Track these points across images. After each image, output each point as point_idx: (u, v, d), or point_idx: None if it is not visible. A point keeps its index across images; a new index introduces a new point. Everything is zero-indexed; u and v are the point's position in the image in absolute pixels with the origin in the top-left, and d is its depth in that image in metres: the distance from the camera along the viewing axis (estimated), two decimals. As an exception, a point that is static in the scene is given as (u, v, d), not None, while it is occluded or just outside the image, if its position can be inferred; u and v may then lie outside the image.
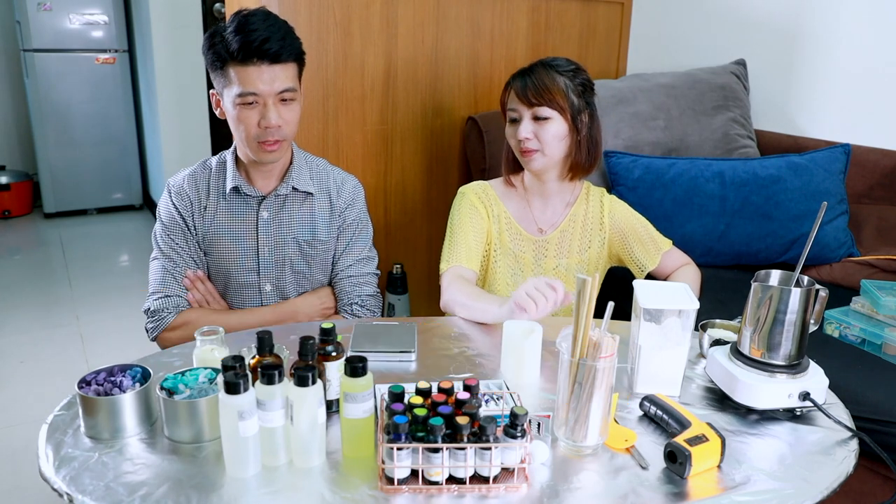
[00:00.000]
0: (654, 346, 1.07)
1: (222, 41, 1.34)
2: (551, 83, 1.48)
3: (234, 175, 1.48)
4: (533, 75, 1.49)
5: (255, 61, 1.32)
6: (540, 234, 1.60)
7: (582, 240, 1.60)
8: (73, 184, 4.52)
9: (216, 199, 1.50)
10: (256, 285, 1.53)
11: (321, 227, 1.53)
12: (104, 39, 4.36)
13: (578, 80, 1.51)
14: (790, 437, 1.00)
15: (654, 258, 1.58)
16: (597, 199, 1.62)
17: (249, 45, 1.31)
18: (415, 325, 1.29)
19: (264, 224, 1.50)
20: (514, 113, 1.52)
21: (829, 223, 1.89)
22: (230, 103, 1.38)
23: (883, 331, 1.51)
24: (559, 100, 1.47)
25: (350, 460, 0.91)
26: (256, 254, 1.51)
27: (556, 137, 1.49)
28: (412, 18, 2.13)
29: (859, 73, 2.11)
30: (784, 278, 1.06)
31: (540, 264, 1.60)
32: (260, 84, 1.34)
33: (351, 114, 2.09)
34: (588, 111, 1.53)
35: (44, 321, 3.05)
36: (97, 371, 1.00)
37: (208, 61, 1.38)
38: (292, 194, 1.51)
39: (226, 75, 1.36)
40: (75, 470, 0.88)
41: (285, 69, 1.36)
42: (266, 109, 1.36)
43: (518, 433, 0.85)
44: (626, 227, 1.61)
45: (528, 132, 1.49)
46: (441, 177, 2.33)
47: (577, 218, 1.60)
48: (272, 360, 0.96)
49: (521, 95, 1.49)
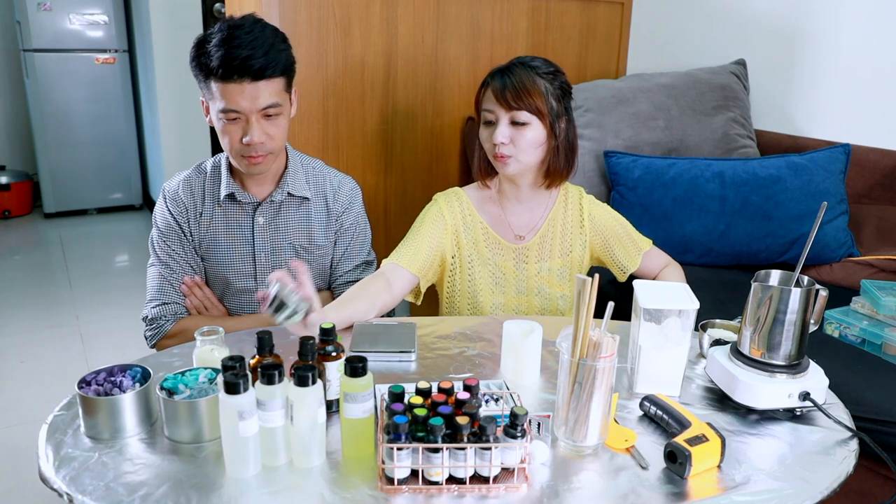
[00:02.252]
0: (654, 346, 1.07)
1: (206, 55, 1.31)
2: (532, 86, 1.40)
3: (229, 181, 1.47)
4: (513, 76, 1.41)
5: (237, 78, 1.29)
6: (519, 240, 1.54)
7: (563, 243, 1.55)
8: (72, 184, 4.52)
9: (211, 205, 1.49)
10: (254, 291, 1.52)
11: (317, 231, 1.52)
12: (104, 39, 4.36)
13: (558, 83, 1.44)
14: (790, 437, 1.00)
15: (634, 259, 1.55)
16: (575, 200, 1.56)
17: (231, 63, 1.28)
18: (415, 325, 1.29)
19: (260, 230, 1.49)
20: (489, 115, 1.44)
21: (829, 223, 1.89)
22: (214, 116, 1.37)
23: (883, 331, 1.51)
24: (539, 104, 1.40)
25: (350, 460, 0.91)
26: (253, 259, 1.50)
27: (532, 143, 1.42)
28: (412, 18, 2.13)
29: (859, 73, 2.11)
30: (784, 278, 1.06)
31: (521, 270, 1.54)
32: (242, 101, 1.31)
33: (351, 114, 2.09)
34: (566, 116, 1.47)
35: (44, 321, 3.04)
36: (97, 371, 1.00)
37: (193, 72, 1.36)
38: (288, 199, 1.50)
39: (209, 89, 1.34)
40: (75, 470, 0.88)
41: (270, 84, 1.33)
42: (249, 126, 1.34)
43: (518, 433, 0.85)
44: (607, 229, 1.56)
45: (504, 136, 1.41)
46: (441, 177, 2.33)
47: (556, 222, 1.55)
48: (272, 360, 0.96)
49: (499, 97, 1.41)
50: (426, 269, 1.48)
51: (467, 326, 1.33)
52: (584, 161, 2.15)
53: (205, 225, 1.49)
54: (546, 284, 1.55)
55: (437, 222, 1.51)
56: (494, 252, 1.54)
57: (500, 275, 1.55)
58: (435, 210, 1.52)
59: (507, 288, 1.55)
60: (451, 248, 1.53)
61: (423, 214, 1.54)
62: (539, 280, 1.55)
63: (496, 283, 1.55)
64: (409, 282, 1.45)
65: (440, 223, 1.51)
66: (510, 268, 1.54)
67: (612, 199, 2.07)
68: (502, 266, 1.54)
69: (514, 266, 1.55)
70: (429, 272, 1.49)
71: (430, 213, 1.52)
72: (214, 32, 1.31)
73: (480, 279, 1.54)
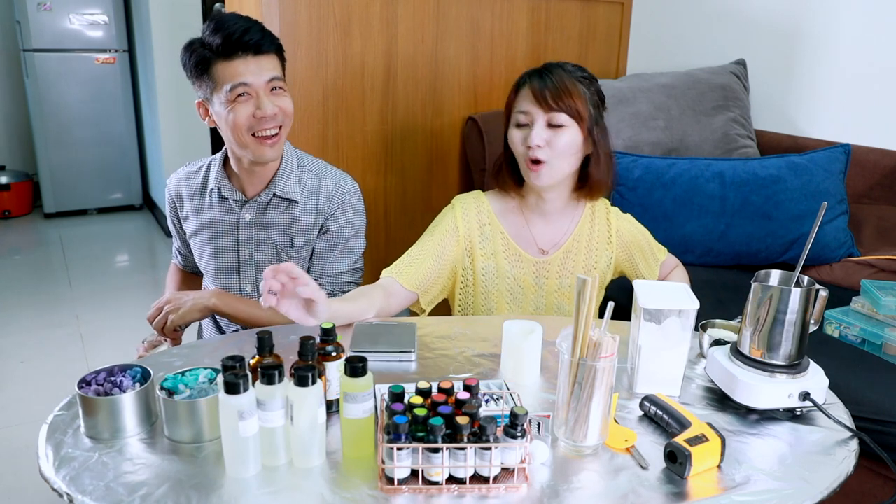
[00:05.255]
0: (654, 346, 1.07)
1: (202, 44, 1.35)
2: (572, 87, 1.35)
3: (217, 177, 1.49)
4: (552, 76, 1.35)
5: (240, 54, 1.33)
6: (541, 255, 1.47)
7: (587, 259, 1.48)
8: (72, 184, 4.52)
9: (207, 199, 1.53)
10: (237, 286, 1.54)
11: (299, 236, 1.48)
12: (104, 39, 4.37)
13: (594, 89, 1.40)
14: (790, 437, 1.00)
15: (654, 270, 1.52)
16: (602, 215, 1.50)
17: (231, 38, 1.32)
18: (415, 325, 1.29)
19: (246, 227, 1.49)
20: (524, 116, 1.37)
21: (829, 223, 1.89)
22: (221, 105, 1.36)
23: (883, 331, 1.51)
24: (580, 106, 1.34)
25: (350, 460, 0.91)
26: (237, 255, 1.52)
27: (569, 148, 1.35)
28: (412, 18, 2.13)
29: (859, 73, 2.11)
30: (784, 278, 1.06)
31: (541, 285, 1.48)
32: (248, 75, 1.34)
33: (351, 114, 2.09)
34: (602, 124, 1.41)
35: (44, 321, 3.05)
36: (97, 371, 1.00)
37: (190, 70, 1.38)
38: (274, 200, 1.47)
39: (212, 77, 1.35)
40: (75, 470, 0.88)
41: (270, 59, 1.37)
42: (259, 100, 1.36)
43: (518, 433, 0.85)
44: (632, 242, 1.51)
45: (541, 139, 1.34)
46: (441, 177, 2.33)
47: (581, 237, 1.48)
48: (272, 360, 0.96)
49: (538, 97, 1.34)
50: (428, 286, 1.42)
51: (467, 326, 1.33)
52: (584, 161, 2.15)
53: (200, 217, 1.53)
54: (566, 301, 1.49)
55: (448, 235, 1.45)
56: (514, 265, 1.47)
57: (519, 289, 1.48)
58: (449, 219, 1.46)
59: (524, 303, 1.49)
60: (463, 260, 1.47)
61: (437, 221, 1.48)
62: (559, 297, 1.49)
63: (514, 297, 1.49)
64: (405, 298, 1.40)
65: (452, 236, 1.45)
66: (529, 283, 1.48)
67: (613, 200, 2.06)
68: (521, 280, 1.47)
69: (534, 281, 1.48)
70: (432, 288, 1.44)
71: (443, 223, 1.46)
72: (204, 28, 1.36)
73: (497, 292, 1.48)
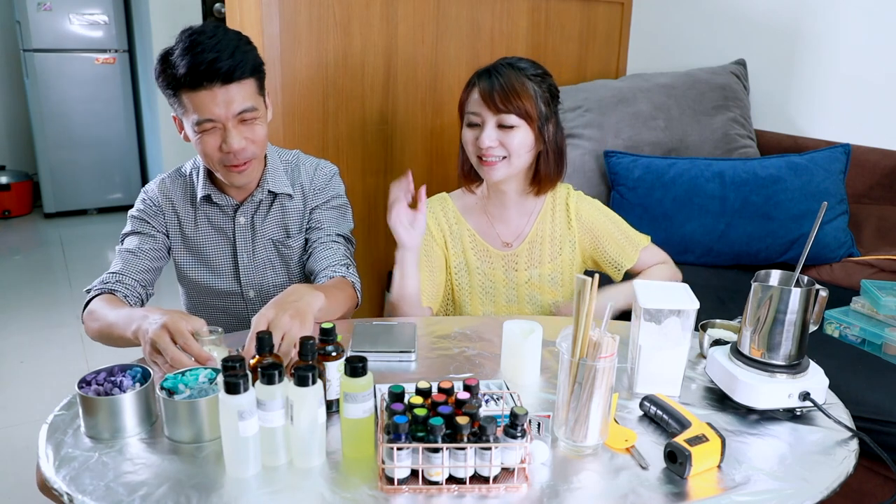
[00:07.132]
0: (654, 346, 1.07)
1: (171, 66, 1.25)
2: (521, 88, 1.36)
3: (206, 184, 1.43)
4: (501, 77, 1.37)
5: (206, 85, 1.24)
6: (507, 248, 1.51)
7: (552, 246, 1.51)
8: (72, 184, 4.52)
9: (192, 209, 1.46)
10: (239, 293, 1.50)
11: (293, 225, 1.48)
12: (104, 39, 4.37)
13: (546, 85, 1.40)
14: (790, 437, 1.00)
15: (631, 256, 1.51)
16: (562, 201, 1.52)
17: (197, 69, 1.22)
18: (415, 324, 1.29)
19: (241, 230, 1.46)
20: (475, 117, 1.39)
21: (829, 223, 1.89)
22: (191, 130, 1.31)
23: (883, 331, 1.51)
24: (528, 107, 1.36)
25: (350, 460, 0.91)
26: (235, 261, 1.48)
27: (522, 147, 1.38)
28: (412, 18, 2.13)
29: (859, 74, 2.11)
30: (784, 278, 1.06)
31: (511, 278, 1.51)
32: (215, 109, 1.26)
33: (351, 114, 2.09)
34: (554, 120, 1.43)
35: (44, 321, 3.04)
36: (97, 371, 1.00)
37: (161, 88, 1.30)
38: (268, 197, 1.46)
39: (180, 103, 1.29)
40: (75, 470, 0.88)
41: (241, 87, 1.27)
42: (227, 133, 1.28)
43: (518, 433, 0.85)
44: (596, 225, 1.51)
45: (491, 140, 1.37)
46: (441, 177, 2.33)
47: (544, 226, 1.51)
48: (272, 360, 0.96)
49: (486, 99, 1.36)
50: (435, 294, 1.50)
51: (467, 326, 1.33)
52: (584, 161, 2.15)
53: (185, 228, 1.46)
54: (537, 292, 1.53)
55: (428, 241, 1.48)
56: (483, 260, 1.51)
57: (490, 283, 1.52)
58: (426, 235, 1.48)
59: (496, 297, 1.53)
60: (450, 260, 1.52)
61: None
62: (530, 288, 1.52)
63: (485, 292, 1.52)
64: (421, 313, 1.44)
65: (431, 249, 1.49)
66: (500, 276, 1.51)
67: (612, 199, 2.07)
68: (491, 275, 1.51)
69: (504, 274, 1.51)
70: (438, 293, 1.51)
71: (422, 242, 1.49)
72: (176, 44, 1.26)
73: (469, 288, 1.52)
